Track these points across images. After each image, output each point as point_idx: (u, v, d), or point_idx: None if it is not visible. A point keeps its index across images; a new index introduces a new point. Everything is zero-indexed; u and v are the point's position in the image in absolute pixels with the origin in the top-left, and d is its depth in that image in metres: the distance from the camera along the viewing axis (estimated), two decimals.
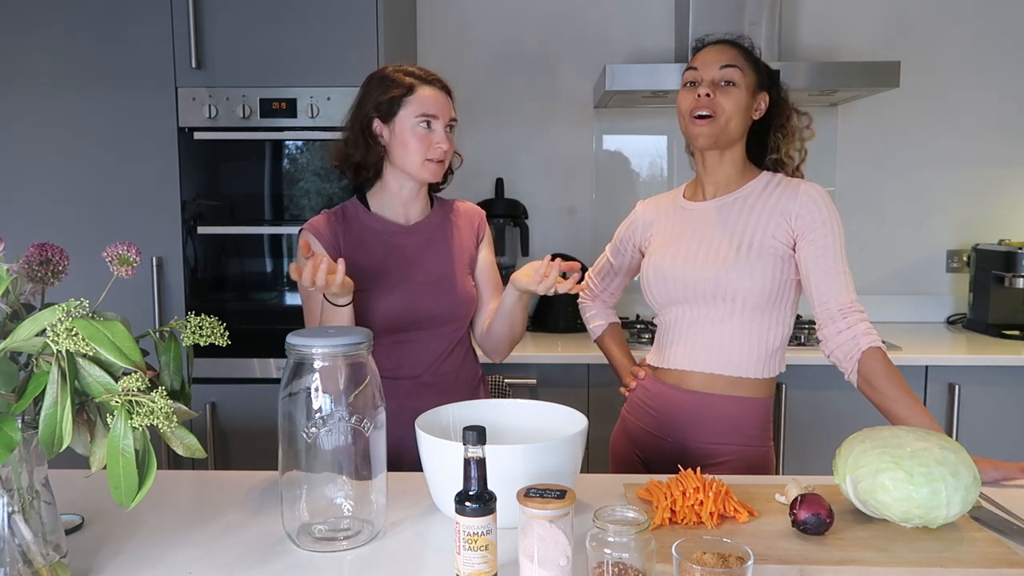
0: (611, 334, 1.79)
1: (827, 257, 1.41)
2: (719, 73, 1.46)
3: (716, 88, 1.46)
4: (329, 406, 1.06)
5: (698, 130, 1.47)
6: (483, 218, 1.67)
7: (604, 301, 1.81)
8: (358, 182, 1.59)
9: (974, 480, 1.08)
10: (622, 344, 1.78)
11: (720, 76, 1.46)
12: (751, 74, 1.48)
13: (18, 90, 2.38)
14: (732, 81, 1.46)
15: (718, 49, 1.49)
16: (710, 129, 1.46)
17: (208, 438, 2.40)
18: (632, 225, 1.69)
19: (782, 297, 1.47)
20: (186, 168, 2.40)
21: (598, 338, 1.81)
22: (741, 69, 1.47)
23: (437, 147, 1.49)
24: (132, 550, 1.06)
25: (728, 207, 1.51)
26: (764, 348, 1.48)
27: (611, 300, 1.81)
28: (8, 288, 0.87)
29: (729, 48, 1.49)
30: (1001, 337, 2.69)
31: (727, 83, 1.46)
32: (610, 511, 0.91)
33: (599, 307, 1.81)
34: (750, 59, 1.50)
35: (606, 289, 1.79)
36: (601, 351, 1.81)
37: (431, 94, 1.50)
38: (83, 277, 0.98)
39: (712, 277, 1.46)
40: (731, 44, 1.51)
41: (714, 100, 1.45)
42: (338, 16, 2.34)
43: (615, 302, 1.82)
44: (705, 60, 1.48)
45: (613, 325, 1.81)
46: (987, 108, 2.96)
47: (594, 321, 1.81)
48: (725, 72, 1.46)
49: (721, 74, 1.46)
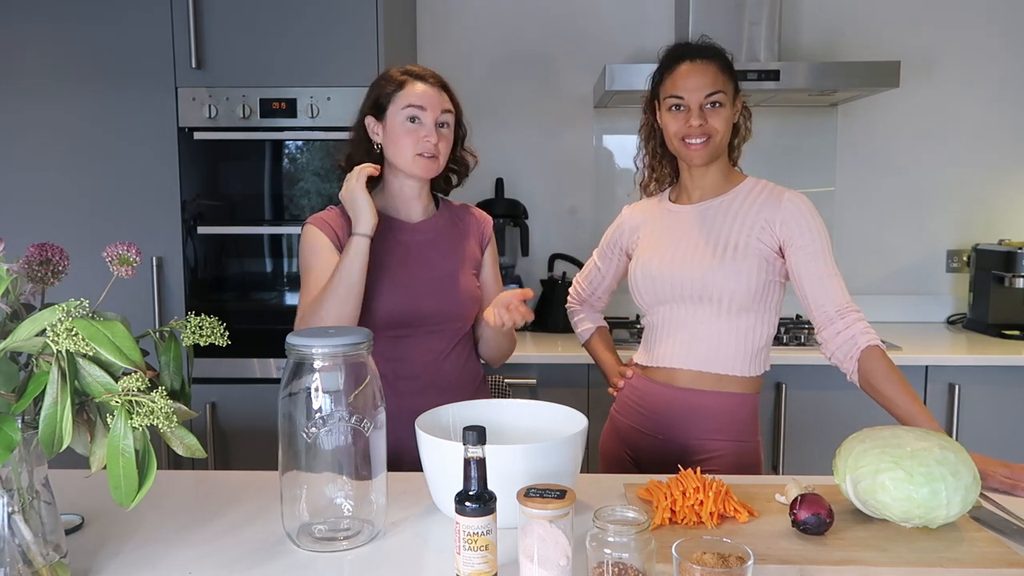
0: (599, 337, 1.82)
1: (817, 263, 1.44)
2: (706, 100, 1.48)
3: (704, 112, 1.48)
4: (329, 406, 1.06)
5: (693, 153, 1.50)
6: (489, 224, 1.67)
7: (592, 305, 1.83)
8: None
9: (974, 480, 1.08)
10: (610, 347, 1.80)
11: (707, 102, 1.48)
12: (731, 87, 1.51)
13: (18, 90, 2.38)
14: (719, 103, 1.48)
15: (700, 71, 1.49)
16: (705, 151, 1.49)
17: (208, 438, 2.40)
18: (619, 229, 1.70)
19: (766, 297, 1.50)
20: (186, 168, 2.40)
21: (586, 341, 1.83)
22: (724, 90, 1.48)
23: (426, 140, 1.48)
24: (132, 550, 1.06)
25: (714, 210, 1.53)
26: (750, 346, 1.51)
27: (599, 304, 1.83)
28: (8, 288, 0.87)
29: (710, 67, 1.49)
30: (1001, 337, 2.69)
31: (715, 104, 1.48)
32: (610, 511, 0.91)
33: (587, 311, 1.84)
34: (725, 69, 1.51)
35: (593, 293, 1.80)
36: (589, 354, 1.83)
37: (420, 88, 1.50)
38: (83, 277, 0.98)
39: (699, 278, 1.48)
40: (707, 59, 1.50)
41: (706, 125, 1.47)
42: (338, 16, 2.34)
43: (603, 306, 1.84)
44: (689, 87, 1.48)
45: (601, 328, 1.83)
46: (987, 108, 2.95)
47: (582, 325, 1.83)
48: (713, 98, 1.48)
49: (708, 100, 1.48)
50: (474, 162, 1.65)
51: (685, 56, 1.51)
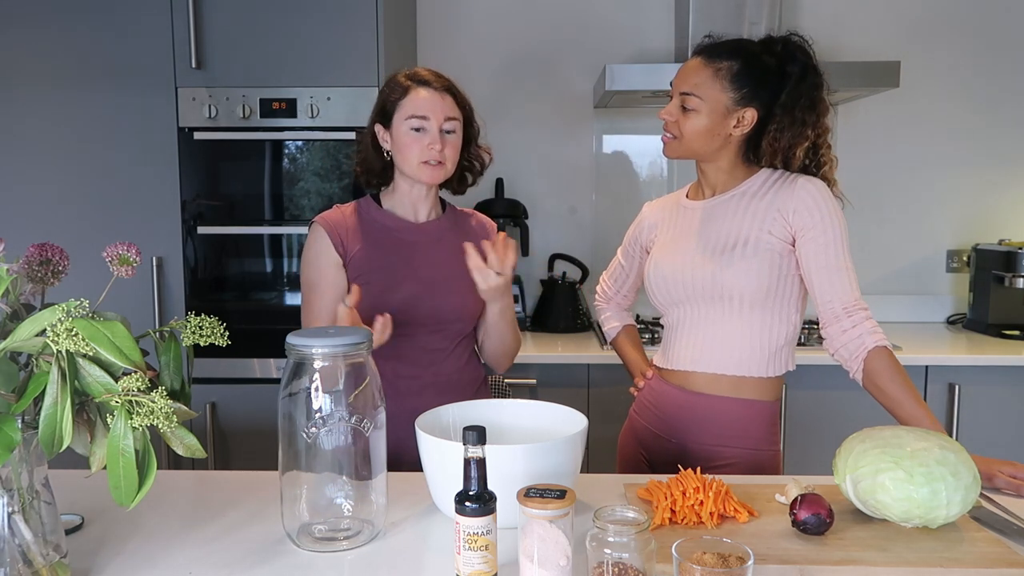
0: (626, 335, 1.79)
1: (828, 254, 1.39)
2: (679, 98, 1.46)
3: (679, 110, 1.46)
4: (329, 406, 1.06)
5: (664, 145, 1.50)
6: (494, 231, 1.67)
7: (618, 303, 1.81)
8: (375, 187, 1.62)
9: (974, 480, 1.08)
10: (637, 345, 1.78)
11: (680, 101, 1.46)
12: (723, 95, 1.43)
13: (18, 90, 2.38)
14: (691, 108, 1.45)
15: (693, 69, 1.46)
16: (672, 147, 1.49)
17: (208, 438, 2.40)
18: (639, 226, 1.69)
19: (782, 293, 1.45)
20: (186, 168, 2.40)
21: (613, 340, 1.81)
22: (701, 97, 1.43)
23: (430, 148, 1.49)
24: (132, 550, 1.06)
25: (724, 205, 1.50)
26: (767, 346, 1.47)
27: (625, 302, 1.81)
28: (8, 288, 0.87)
29: (702, 68, 1.45)
30: (1001, 337, 2.69)
31: (685, 108, 1.46)
32: (610, 511, 0.91)
33: (613, 309, 1.82)
34: (727, 77, 1.43)
35: (619, 291, 1.79)
36: (616, 353, 1.81)
37: (424, 95, 1.50)
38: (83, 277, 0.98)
39: (709, 276, 1.46)
40: (711, 58, 1.45)
41: (675, 122, 1.46)
42: (338, 16, 2.34)
43: (629, 304, 1.82)
44: (677, 78, 1.48)
45: (628, 327, 1.81)
46: (987, 108, 2.95)
47: (609, 323, 1.82)
48: (684, 99, 1.45)
49: (681, 100, 1.46)
50: (488, 159, 1.64)
51: (698, 50, 1.50)
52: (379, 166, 1.59)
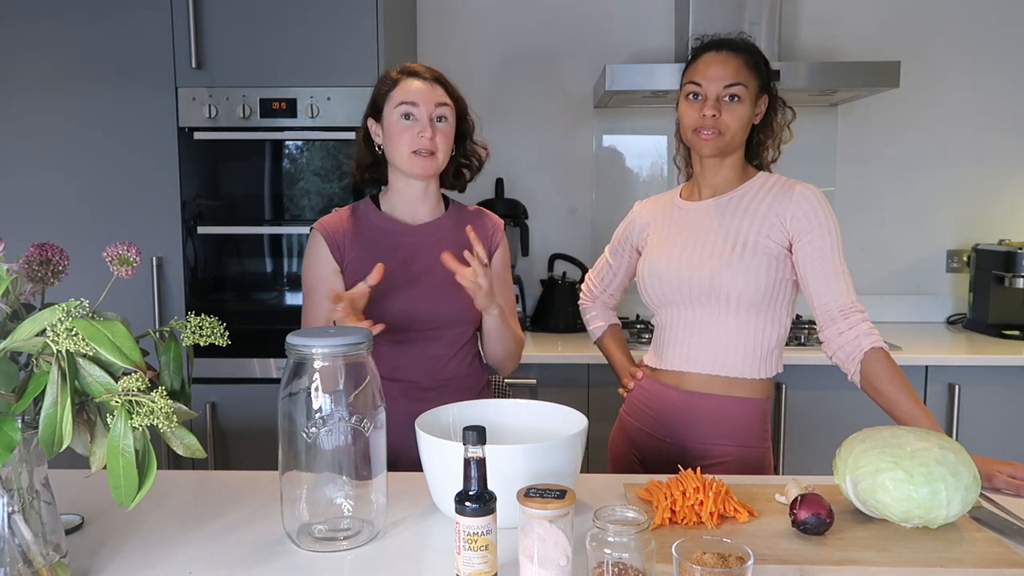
0: (611, 335, 1.79)
1: (825, 259, 1.41)
2: (724, 91, 1.44)
3: (721, 104, 1.44)
4: (329, 406, 1.06)
5: (704, 143, 1.47)
6: (499, 227, 1.64)
7: (604, 303, 1.81)
8: (367, 185, 1.61)
9: (974, 480, 1.08)
10: (622, 345, 1.78)
11: (725, 94, 1.44)
12: (754, 83, 1.47)
13: (18, 90, 2.38)
14: (737, 97, 1.45)
15: (722, 61, 1.46)
16: (716, 144, 1.46)
17: (208, 438, 2.40)
18: (630, 225, 1.69)
19: (777, 296, 1.47)
20: (186, 168, 2.39)
21: (598, 339, 1.81)
22: (745, 84, 1.45)
23: (420, 136, 1.47)
24: (132, 550, 1.06)
25: (723, 207, 1.50)
26: (760, 348, 1.48)
27: (611, 301, 1.81)
28: (8, 288, 0.87)
29: (733, 59, 1.46)
30: (1001, 337, 2.68)
31: (732, 98, 1.45)
32: (610, 511, 0.91)
33: (599, 308, 1.81)
34: (752, 65, 1.47)
35: (606, 290, 1.78)
36: (601, 352, 1.81)
37: (414, 85, 1.49)
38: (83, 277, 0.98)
39: (706, 277, 1.46)
40: (734, 51, 1.47)
41: (719, 119, 1.44)
42: (338, 16, 2.34)
43: (615, 303, 1.82)
44: (709, 75, 1.45)
45: (613, 327, 1.81)
46: (986, 108, 2.95)
47: (594, 323, 1.81)
48: (731, 90, 1.44)
49: (726, 92, 1.44)
50: (485, 155, 1.63)
51: (712, 47, 1.49)
52: (369, 160, 1.57)
